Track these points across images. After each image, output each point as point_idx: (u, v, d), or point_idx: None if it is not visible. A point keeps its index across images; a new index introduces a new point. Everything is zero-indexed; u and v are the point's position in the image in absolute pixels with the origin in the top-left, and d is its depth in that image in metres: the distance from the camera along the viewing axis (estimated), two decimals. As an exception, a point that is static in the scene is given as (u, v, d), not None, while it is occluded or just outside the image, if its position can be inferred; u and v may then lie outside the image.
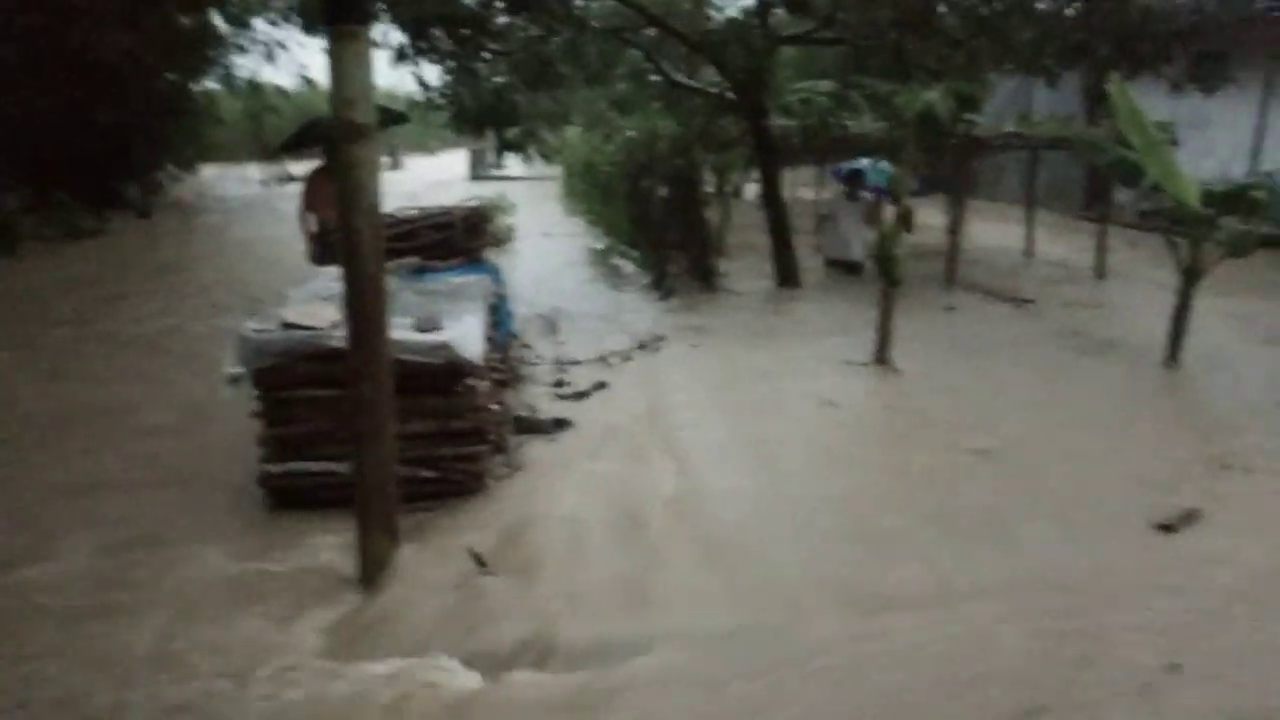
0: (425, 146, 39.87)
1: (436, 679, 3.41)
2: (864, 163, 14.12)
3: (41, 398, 6.88)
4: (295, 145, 7.80)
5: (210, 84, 21.44)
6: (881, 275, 7.40)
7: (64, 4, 14.90)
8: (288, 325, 4.72)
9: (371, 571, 4.11)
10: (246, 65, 22.01)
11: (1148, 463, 5.43)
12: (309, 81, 21.75)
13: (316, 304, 4.95)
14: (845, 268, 11.25)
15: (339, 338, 4.38)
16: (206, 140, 22.79)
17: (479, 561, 4.17)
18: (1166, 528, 4.28)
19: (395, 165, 39.67)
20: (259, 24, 18.96)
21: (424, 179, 26.81)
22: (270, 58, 19.30)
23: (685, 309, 9.94)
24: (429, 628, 3.75)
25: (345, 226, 3.89)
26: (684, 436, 5.88)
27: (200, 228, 17.96)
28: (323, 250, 7.93)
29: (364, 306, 3.93)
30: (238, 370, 4.67)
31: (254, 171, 26.32)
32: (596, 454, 5.58)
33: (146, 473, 5.41)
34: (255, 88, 20.04)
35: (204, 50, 19.04)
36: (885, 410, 6.64)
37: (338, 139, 3.80)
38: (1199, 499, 4.83)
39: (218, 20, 18.91)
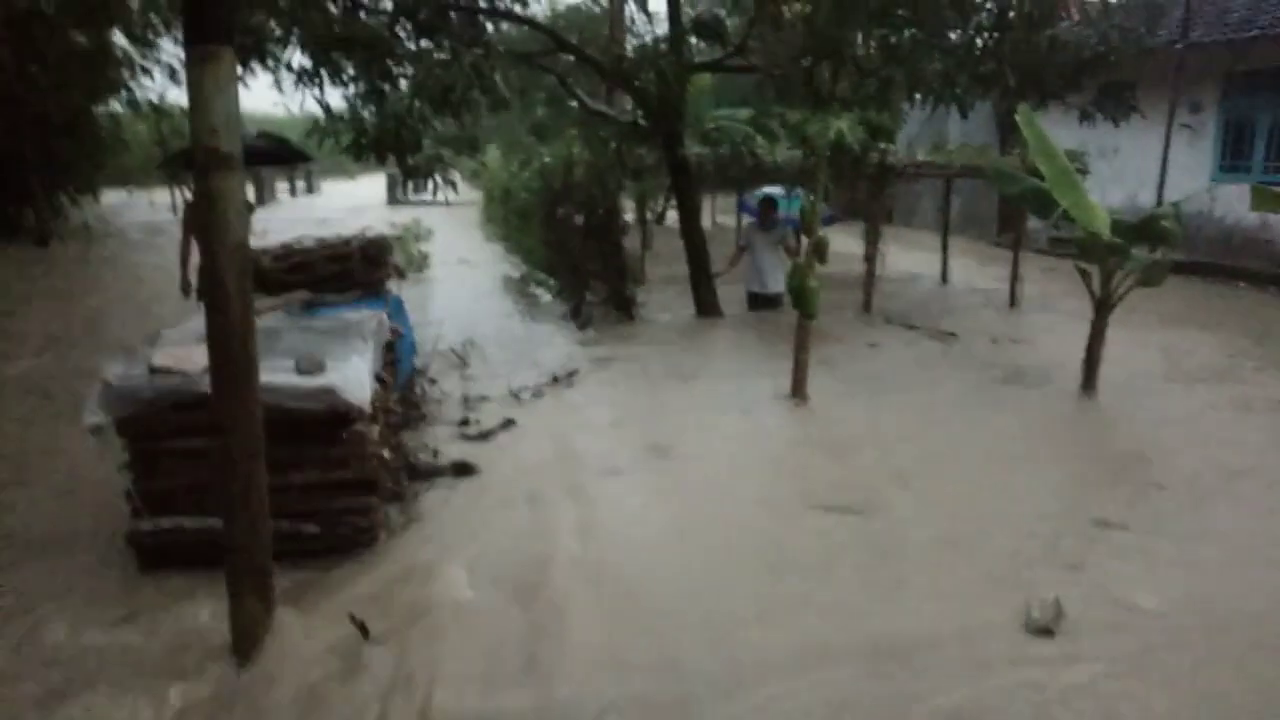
0: (344, 170, 39.19)
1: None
2: (774, 191, 13.85)
3: None
4: (180, 165, 7.48)
5: (114, 105, 20.58)
6: (796, 307, 7.25)
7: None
8: (155, 369, 4.35)
9: (243, 641, 3.76)
10: (151, 86, 21.20)
11: (1040, 510, 5.25)
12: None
13: (190, 345, 4.58)
14: (764, 301, 10.73)
15: (206, 384, 4.04)
16: (109, 164, 21.92)
17: (361, 629, 3.85)
18: (1043, 631, 3.97)
19: (311, 189, 38.90)
20: (165, 44, 18.26)
21: (341, 204, 26.24)
22: (175, 78, 18.57)
23: (602, 340, 9.70)
24: (300, 706, 3.42)
25: (209, 266, 3.56)
26: (591, 481, 5.62)
27: (99, 256, 17.22)
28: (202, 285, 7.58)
29: (229, 353, 3.59)
30: (99, 419, 4.28)
31: (159, 196, 25.46)
32: (499, 502, 5.28)
33: (10, 537, 4.94)
34: (159, 109, 19.29)
35: (104, 70, 18.29)
36: (795, 449, 6.44)
37: (199, 170, 3.48)
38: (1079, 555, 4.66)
39: (120, 39, 18.18)
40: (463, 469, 5.68)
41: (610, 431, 6.62)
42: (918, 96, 9.42)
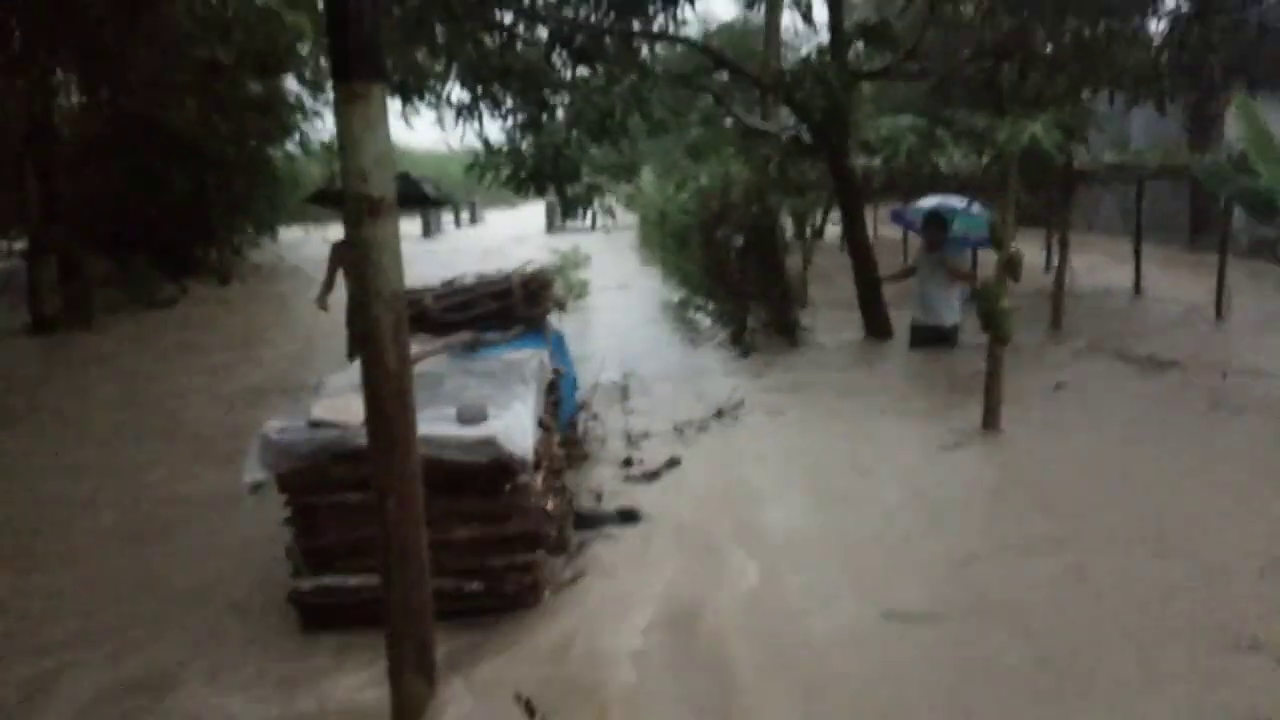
0: (506, 200, 40.14)
1: None
2: (945, 202, 12.49)
3: (41, 496, 6.50)
4: (321, 203, 7.54)
5: (287, 147, 21.61)
6: (987, 331, 6.60)
7: (135, 74, 15.04)
8: (315, 422, 4.19)
9: (403, 716, 3.50)
10: (322, 128, 22.12)
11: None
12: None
13: (349, 395, 4.40)
14: (927, 335, 9.44)
15: (365, 437, 3.83)
16: (285, 204, 22.98)
17: (528, 710, 3.52)
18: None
19: (474, 220, 39.98)
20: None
21: (503, 234, 26.72)
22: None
23: (766, 367, 9.23)
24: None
25: (363, 317, 3.34)
26: (764, 530, 5.16)
27: (276, 294, 17.94)
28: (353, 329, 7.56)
29: (385, 404, 3.35)
30: (258, 476, 4.14)
31: (332, 233, 26.54)
32: (667, 552, 4.89)
33: (157, 592, 4.84)
34: (331, 150, 20.12)
35: (278, 114, 19.20)
36: (993, 496, 5.79)
37: (350, 217, 3.25)
38: None
39: (292, 84, 19.09)
40: (628, 516, 5.34)
41: (782, 472, 6.15)
42: (1111, 93, 8.59)
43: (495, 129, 11.71)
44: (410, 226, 28.18)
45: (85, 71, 15.77)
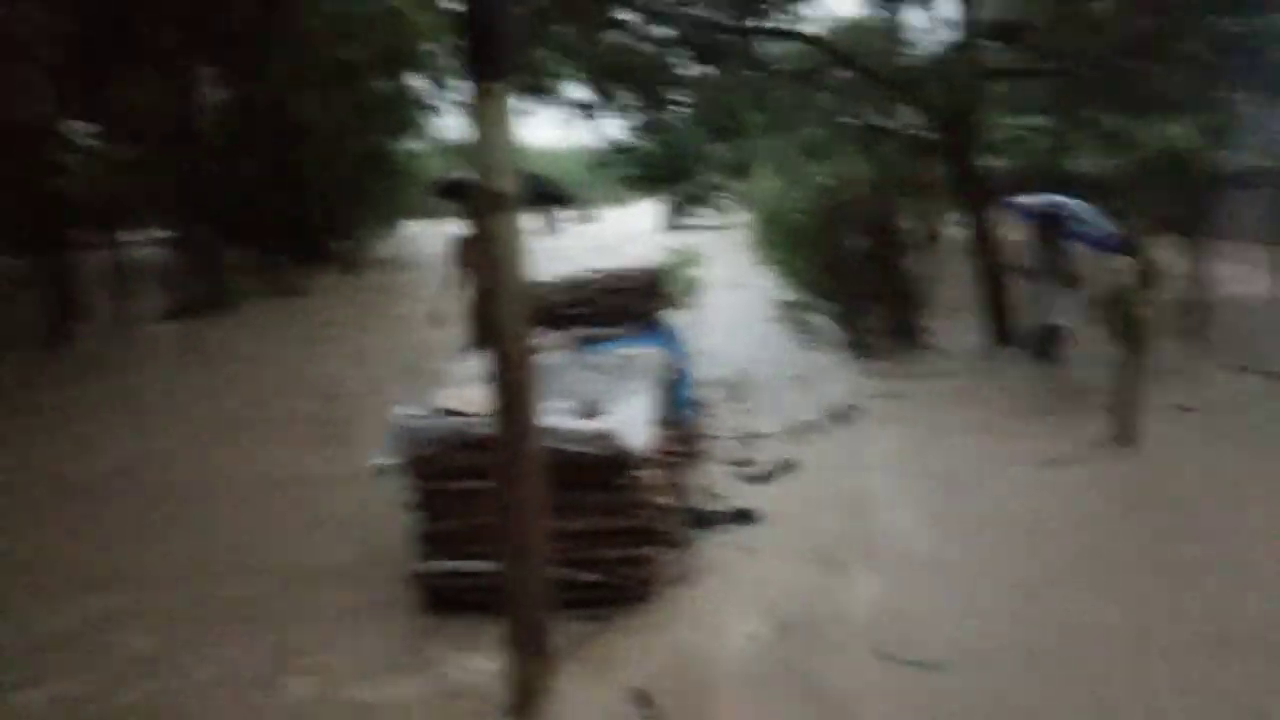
0: (621, 198, 40.43)
1: None
2: (1057, 200, 11.48)
3: (175, 473, 6.86)
4: (441, 196, 7.74)
5: (412, 144, 22.30)
6: (1119, 340, 6.34)
7: (273, 72, 15.71)
8: (440, 410, 4.31)
9: (522, 702, 3.56)
10: (445, 124, 22.70)
11: None
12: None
13: (471, 385, 4.51)
14: (1043, 335, 9.04)
15: (489, 426, 3.91)
16: (408, 198, 23.67)
17: (643, 702, 3.55)
18: None
19: (587, 219, 40.40)
20: (457, 83, 19.57)
21: (619, 231, 26.91)
22: (464, 115, 19.87)
23: (885, 371, 9.08)
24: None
25: (489, 304, 3.42)
26: (882, 538, 5.08)
27: (397, 285, 18.46)
28: (471, 322, 7.73)
29: (509, 395, 3.42)
30: (386, 459, 4.29)
31: (452, 227, 27.19)
32: (784, 557, 4.85)
33: (281, 567, 5.07)
34: (452, 146, 20.68)
35: (402, 112, 19.82)
36: (1131, 513, 5.56)
37: (477, 209, 3.34)
38: None
39: (416, 82, 19.66)
40: (743, 516, 5.32)
41: (898, 480, 6.03)
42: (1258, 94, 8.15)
43: (615, 127, 11.81)
44: (530, 223, 28.62)
45: (227, 69, 16.56)
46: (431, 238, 26.36)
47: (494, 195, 3.25)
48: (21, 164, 12.54)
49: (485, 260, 3.41)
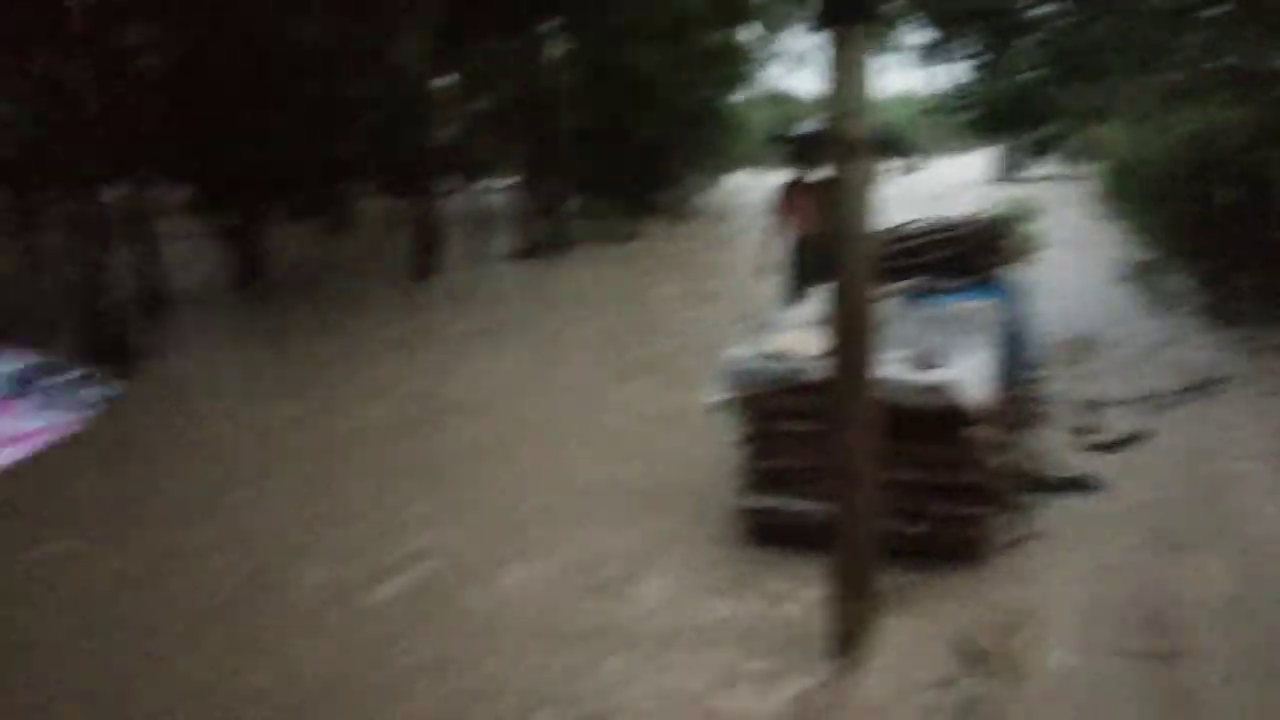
0: (948, 146, 38.63)
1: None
2: None
3: (518, 401, 7.43)
4: (784, 146, 7.76)
5: (738, 96, 22.59)
6: None
7: (614, 24, 16.40)
8: (773, 353, 4.41)
9: (843, 640, 3.63)
10: (773, 76, 22.75)
11: None
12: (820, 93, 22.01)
13: (805, 330, 4.57)
14: None
15: (823, 370, 3.96)
16: (733, 150, 24.03)
17: (970, 658, 3.49)
18: None
19: (913, 168, 38.96)
20: (785, 36, 19.55)
21: (943, 182, 25.78)
22: (796, 67, 19.80)
23: (1251, 341, 8.10)
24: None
25: (835, 251, 3.44)
26: (1235, 523, 4.59)
27: (722, 236, 18.88)
28: (796, 269, 7.76)
29: (850, 341, 3.45)
30: (720, 397, 4.47)
31: (775, 179, 27.31)
32: (1127, 536, 4.51)
33: (615, 491, 5.43)
34: (779, 98, 20.71)
35: (732, 64, 20.06)
36: None
37: (830, 155, 3.36)
38: None
39: (744, 35, 19.81)
40: (1081, 485, 5.01)
41: (1263, 461, 5.39)
42: None
43: (954, 71, 11.29)
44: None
45: (570, 23, 17.51)
46: (754, 189, 26.72)
47: (846, 142, 3.25)
48: (398, 117, 14.07)
49: (823, 209, 3.44)
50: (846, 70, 3.28)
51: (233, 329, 11.46)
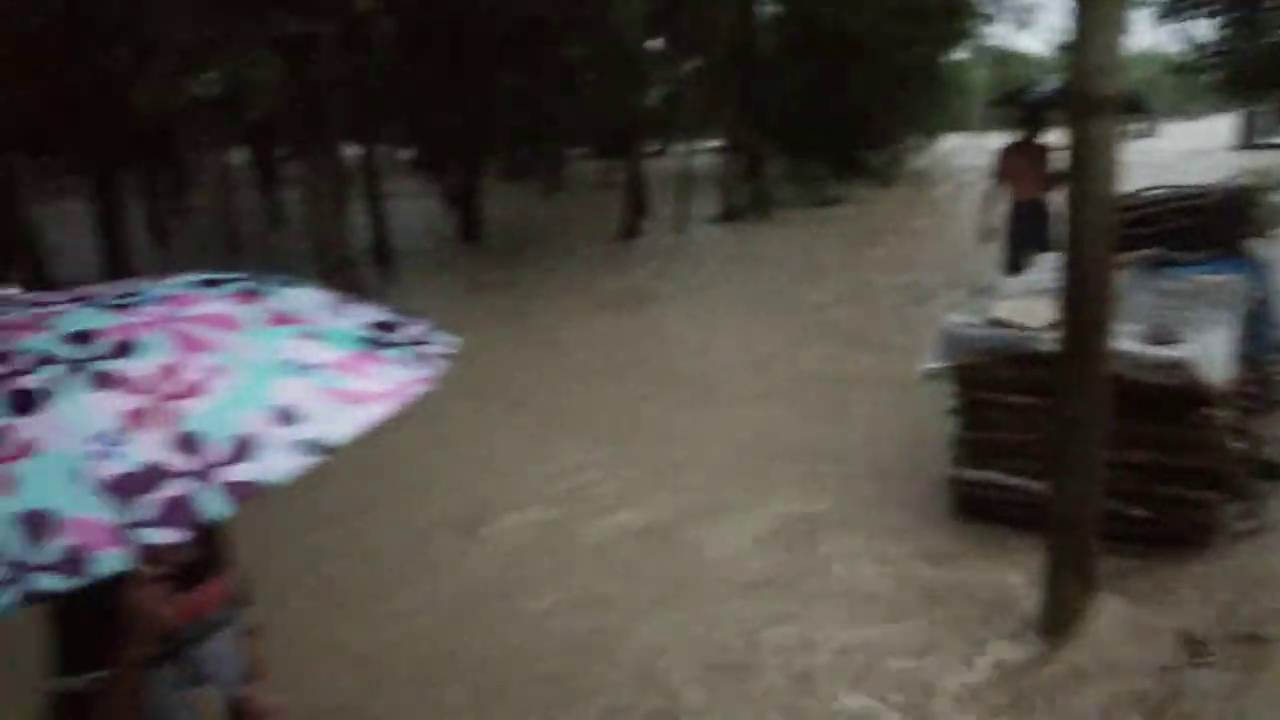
0: (1182, 111, 35.72)
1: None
2: None
3: (716, 356, 7.56)
4: (1008, 107, 7.43)
5: (958, 55, 21.63)
6: None
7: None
8: (995, 322, 4.31)
9: (1055, 618, 3.54)
10: (997, 34, 21.65)
11: None
12: (1065, 49, 20.71)
13: (1030, 299, 4.43)
14: None
15: (1050, 341, 3.84)
16: (949, 111, 23.11)
17: (1195, 649, 3.34)
18: None
19: (1148, 133, 36.23)
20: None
21: (1180, 148, 23.90)
22: (1023, 24, 18.76)
23: None
24: (1104, 711, 3.08)
25: (1072, 216, 3.33)
26: None
27: (934, 200, 18.27)
28: (1014, 235, 7.47)
29: (1084, 312, 3.34)
30: (936, 364, 4.41)
31: (992, 141, 26.11)
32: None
33: (814, 456, 5.44)
34: (1003, 57, 19.68)
35: (955, 21, 19.20)
36: None
37: (1073, 113, 3.24)
38: None
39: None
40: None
41: None
42: None
43: (1202, 28, 10.43)
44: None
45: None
46: (971, 152, 25.65)
47: (1093, 100, 3.13)
48: (611, 79, 14.36)
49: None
50: (1098, 23, 3.15)
51: (453, 281, 12.12)
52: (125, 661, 1.42)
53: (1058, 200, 5.91)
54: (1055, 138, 7.36)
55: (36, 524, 1.06)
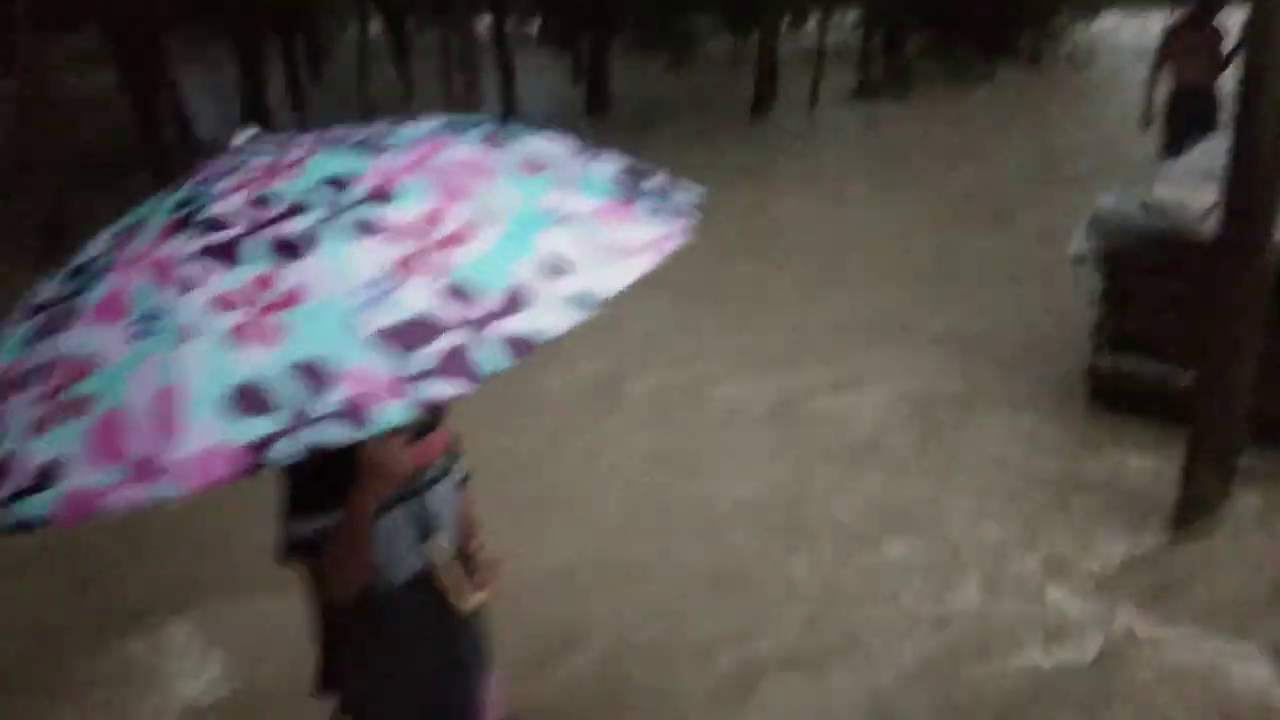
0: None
1: (1241, 672, 2.76)
2: None
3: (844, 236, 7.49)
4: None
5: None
6: None
7: None
8: (1151, 205, 4.08)
9: (1189, 512, 3.46)
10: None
11: None
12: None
13: (1191, 182, 4.17)
14: None
15: (1209, 227, 3.63)
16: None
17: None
18: None
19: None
20: None
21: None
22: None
23: None
24: (1243, 611, 3.02)
25: (1244, 95, 3.10)
26: None
27: (1084, 83, 17.16)
28: (1176, 120, 7.02)
29: (1249, 198, 3.14)
30: (1084, 248, 4.23)
31: (1153, 22, 24.17)
32: None
33: (953, 333, 5.39)
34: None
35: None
36: None
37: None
38: None
39: None
40: None
41: None
42: None
43: None
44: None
45: None
46: (1131, 32, 23.89)
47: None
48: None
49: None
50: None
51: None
52: (358, 505, 1.43)
53: (1226, 87, 5.51)
54: (1228, 19, 6.80)
55: (313, 373, 1.03)
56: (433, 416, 1.53)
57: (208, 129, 12.45)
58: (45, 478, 1.00)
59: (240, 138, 1.48)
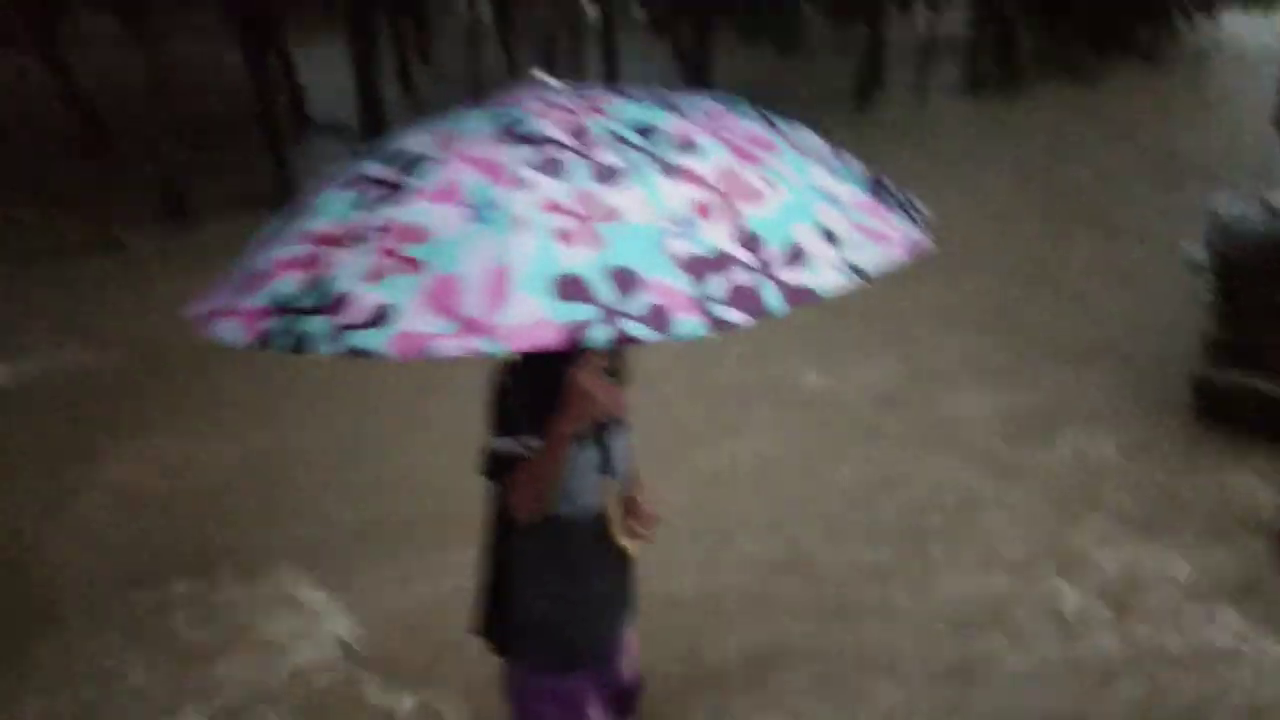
0: None
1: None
2: None
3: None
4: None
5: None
6: None
7: None
8: (1271, 206, 3.93)
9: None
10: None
11: None
12: None
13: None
14: None
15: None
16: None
17: None
18: None
19: None
20: None
21: None
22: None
23: None
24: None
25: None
26: None
27: (1208, 81, 16.45)
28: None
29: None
30: (1199, 254, 4.09)
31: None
32: None
33: (1060, 335, 5.26)
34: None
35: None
36: None
37: None
38: None
39: None
40: None
41: None
42: None
43: None
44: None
45: None
46: (1257, 32, 22.84)
47: None
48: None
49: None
50: None
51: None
52: (559, 432, 1.57)
53: None
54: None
55: (624, 278, 1.17)
56: (619, 376, 1.71)
57: (321, 105, 12.79)
58: (380, 318, 1.14)
59: (539, 76, 1.63)
